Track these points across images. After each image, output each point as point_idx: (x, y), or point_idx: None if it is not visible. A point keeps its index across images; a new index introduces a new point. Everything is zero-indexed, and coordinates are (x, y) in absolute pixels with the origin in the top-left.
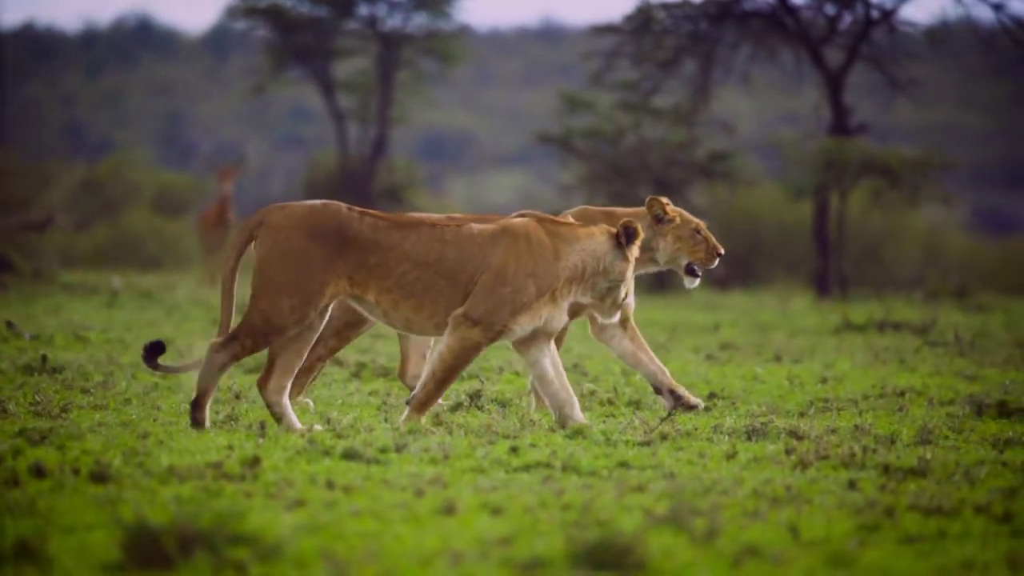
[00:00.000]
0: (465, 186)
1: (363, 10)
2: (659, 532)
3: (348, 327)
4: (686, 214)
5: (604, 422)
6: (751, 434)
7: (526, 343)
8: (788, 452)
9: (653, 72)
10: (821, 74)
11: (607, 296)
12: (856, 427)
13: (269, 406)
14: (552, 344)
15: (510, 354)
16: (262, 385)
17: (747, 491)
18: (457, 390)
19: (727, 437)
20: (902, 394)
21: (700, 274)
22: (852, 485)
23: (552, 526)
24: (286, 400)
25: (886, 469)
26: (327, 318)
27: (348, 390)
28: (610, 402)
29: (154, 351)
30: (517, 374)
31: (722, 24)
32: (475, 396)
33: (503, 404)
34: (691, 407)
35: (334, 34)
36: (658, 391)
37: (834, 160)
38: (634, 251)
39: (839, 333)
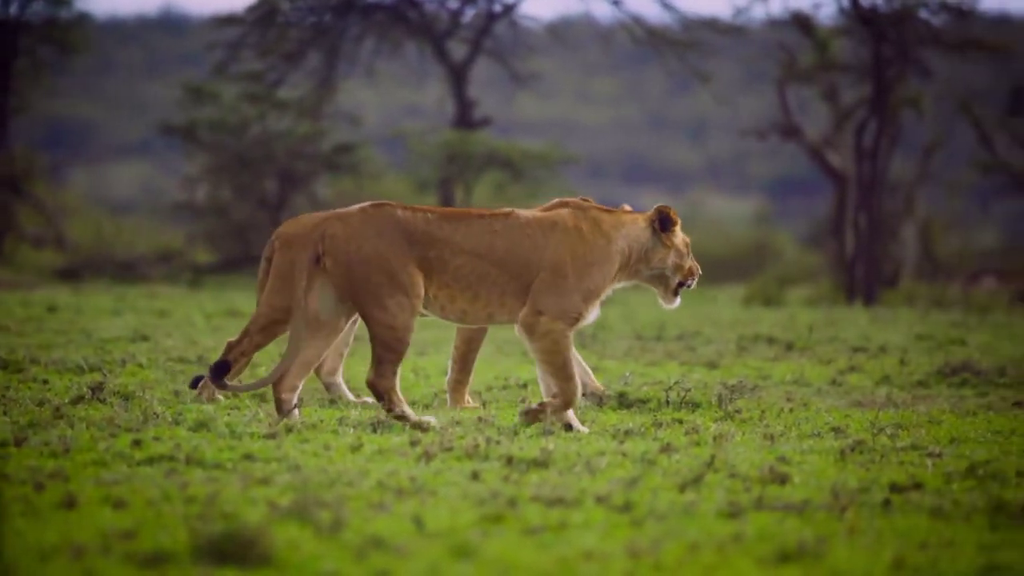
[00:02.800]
0: (87, 177)
1: None
2: (284, 524)
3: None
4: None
5: (229, 414)
6: (376, 426)
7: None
8: (413, 444)
9: (278, 64)
10: (445, 68)
11: (659, 283)
12: (480, 418)
13: (278, 402)
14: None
15: (135, 347)
16: (275, 384)
17: (372, 483)
18: (79, 382)
19: (352, 429)
20: (524, 386)
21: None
22: (475, 476)
23: (176, 519)
24: (296, 398)
25: (509, 460)
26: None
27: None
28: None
29: (220, 371)
30: (140, 366)
31: (346, 17)
32: (97, 389)
33: (126, 397)
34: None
35: None
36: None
37: (458, 153)
38: (672, 239)
39: None
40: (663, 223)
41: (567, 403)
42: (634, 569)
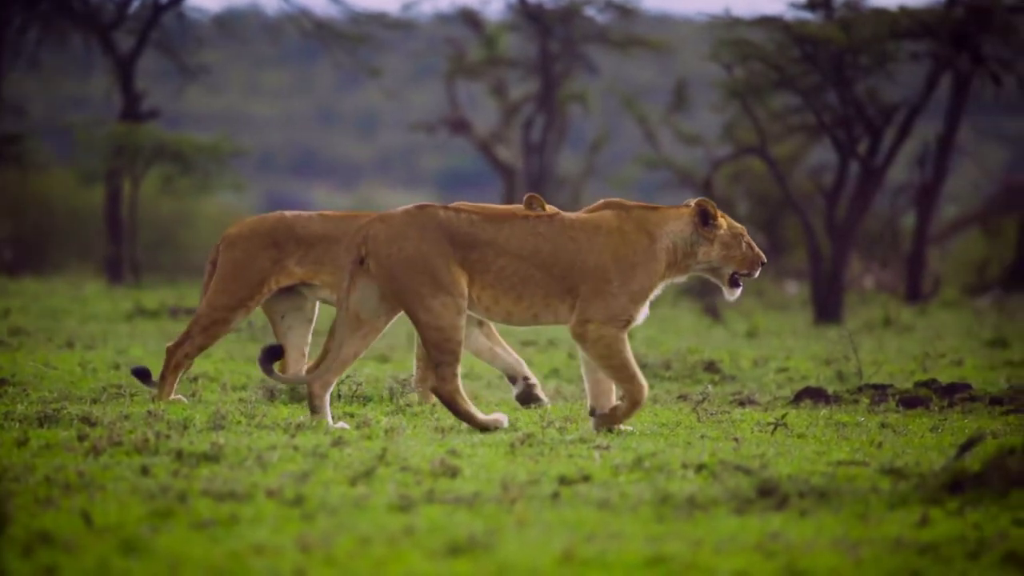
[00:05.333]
0: None
1: None
2: None
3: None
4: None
5: None
6: (43, 420)
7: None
8: (81, 438)
9: None
10: (111, 59)
11: (714, 276)
12: (149, 413)
13: (311, 398)
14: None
15: None
16: (310, 380)
17: (39, 478)
18: None
19: (18, 424)
20: (195, 379)
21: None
22: (145, 471)
23: None
24: (328, 397)
25: (179, 455)
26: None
27: None
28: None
29: (271, 355)
30: None
31: (9, 7)
32: None
33: None
34: (537, 400)
35: None
36: (512, 380)
37: (125, 145)
38: (715, 232)
39: (131, 319)
40: (703, 218)
41: (635, 403)
42: (305, 563)
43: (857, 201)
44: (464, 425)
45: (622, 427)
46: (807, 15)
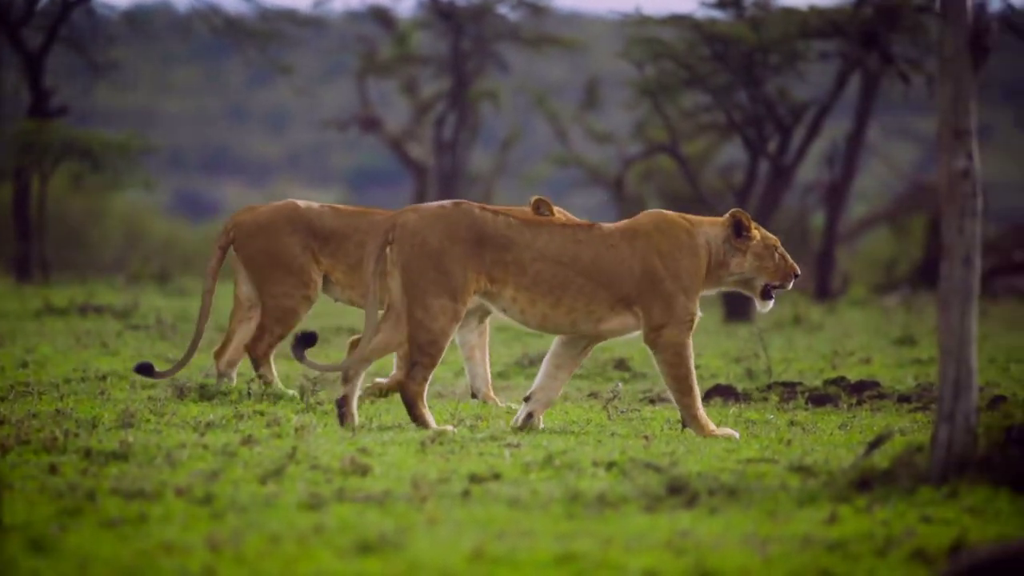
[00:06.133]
0: None
1: None
2: None
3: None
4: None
5: None
6: None
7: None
8: None
9: None
10: (19, 56)
11: (746, 288)
12: (58, 411)
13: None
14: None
15: None
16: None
17: None
18: None
19: None
20: (104, 378)
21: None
22: (53, 469)
23: None
24: (359, 385)
25: (87, 453)
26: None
27: None
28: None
29: (304, 342)
30: None
31: None
32: None
33: None
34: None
35: None
36: (474, 395)
37: (34, 142)
38: (748, 243)
39: (40, 317)
40: (737, 229)
41: (695, 416)
42: (214, 561)
43: (767, 199)
44: (375, 423)
45: (728, 433)
46: (718, 14)
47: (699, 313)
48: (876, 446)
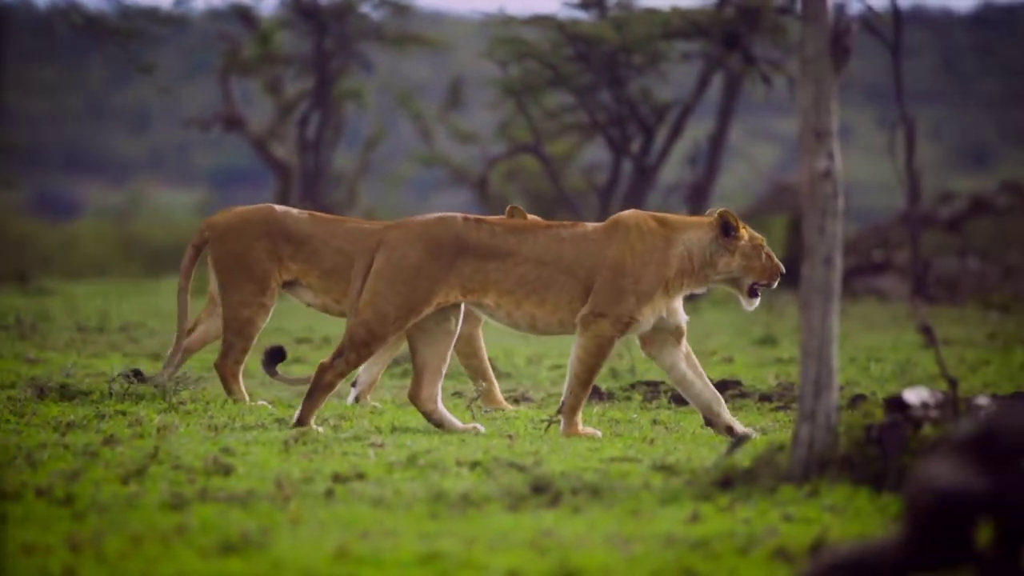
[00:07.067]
0: None
1: None
2: None
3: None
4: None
5: None
6: None
7: (658, 347)
8: None
9: None
10: None
11: (732, 286)
12: None
13: (427, 415)
14: (685, 345)
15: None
16: (415, 397)
17: None
18: None
19: None
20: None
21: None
22: None
23: None
24: (442, 406)
25: None
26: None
27: None
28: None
29: (274, 358)
30: None
31: None
32: None
33: None
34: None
35: None
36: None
37: None
38: (736, 243)
39: None
40: (725, 229)
41: (574, 409)
42: (75, 562)
43: (630, 199)
44: (238, 423)
45: (591, 432)
46: (581, 14)
47: (643, 320)
48: (737, 445)
